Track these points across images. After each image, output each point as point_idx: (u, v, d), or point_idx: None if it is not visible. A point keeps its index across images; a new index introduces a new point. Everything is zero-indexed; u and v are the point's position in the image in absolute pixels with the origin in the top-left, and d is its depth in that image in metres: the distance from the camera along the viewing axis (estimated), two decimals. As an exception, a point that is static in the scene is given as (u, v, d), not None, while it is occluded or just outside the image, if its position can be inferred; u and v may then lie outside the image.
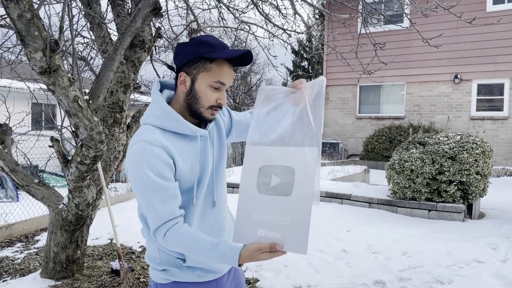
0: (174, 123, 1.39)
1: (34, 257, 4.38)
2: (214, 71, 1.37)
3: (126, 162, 1.40)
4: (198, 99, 1.39)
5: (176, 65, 1.42)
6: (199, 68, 1.37)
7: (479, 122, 12.15)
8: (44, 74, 2.43)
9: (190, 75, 1.39)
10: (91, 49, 4.14)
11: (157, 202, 1.31)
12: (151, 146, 1.31)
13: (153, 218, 1.33)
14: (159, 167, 1.31)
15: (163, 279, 1.46)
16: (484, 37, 11.68)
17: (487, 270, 3.82)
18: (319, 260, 4.18)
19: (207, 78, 1.38)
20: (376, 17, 4.69)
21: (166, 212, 1.32)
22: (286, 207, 1.28)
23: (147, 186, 1.31)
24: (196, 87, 1.39)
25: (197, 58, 1.37)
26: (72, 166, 3.15)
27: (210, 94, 1.39)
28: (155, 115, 1.40)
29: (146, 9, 3.15)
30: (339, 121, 14.48)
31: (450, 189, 5.67)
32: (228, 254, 1.27)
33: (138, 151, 1.32)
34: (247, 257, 1.26)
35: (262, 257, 1.26)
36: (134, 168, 1.32)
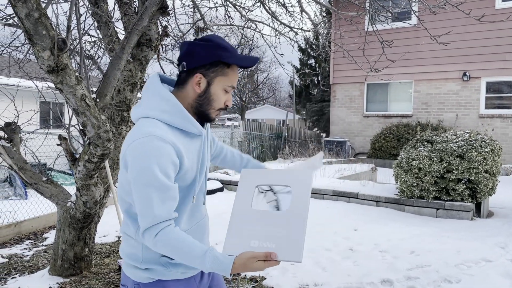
0: (184, 121, 1.37)
1: (43, 254, 4.42)
2: (230, 75, 1.42)
3: (126, 152, 1.32)
4: (211, 101, 1.41)
5: (190, 65, 1.39)
6: (217, 71, 1.39)
7: (488, 120, 12.04)
8: (52, 72, 2.45)
9: (206, 77, 1.39)
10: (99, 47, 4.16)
11: (156, 201, 1.27)
12: (162, 143, 1.28)
13: (148, 217, 1.28)
14: (167, 167, 1.29)
15: (146, 278, 1.42)
16: (493, 34, 11.56)
17: (495, 269, 3.78)
18: (326, 258, 4.17)
19: (223, 82, 1.41)
20: (384, 14, 4.66)
21: (163, 212, 1.28)
22: (282, 220, 1.34)
23: (151, 184, 1.27)
24: (212, 89, 1.40)
25: (216, 62, 1.38)
26: (79, 164, 3.17)
27: (222, 97, 1.43)
28: (162, 109, 1.36)
29: (152, 7, 3.16)
30: (346, 119, 14.43)
31: (459, 188, 5.62)
32: (221, 261, 1.25)
33: (147, 145, 1.27)
34: (241, 265, 1.25)
35: (256, 266, 1.25)
36: (139, 162, 1.28)
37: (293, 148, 13.12)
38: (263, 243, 1.30)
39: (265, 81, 34.69)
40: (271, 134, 14.66)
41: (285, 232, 1.30)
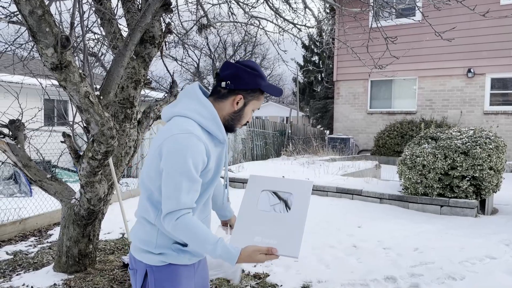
0: (215, 127, 1.59)
1: (47, 251, 4.44)
2: (260, 100, 1.70)
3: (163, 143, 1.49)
4: (241, 118, 1.68)
5: (234, 86, 1.62)
6: (254, 96, 1.66)
7: (493, 117, 11.98)
8: (55, 70, 2.45)
9: (245, 99, 1.65)
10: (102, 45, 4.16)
11: (185, 189, 1.46)
12: (199, 141, 1.49)
13: (173, 201, 1.46)
14: (198, 162, 1.49)
15: (159, 261, 1.59)
16: (498, 30, 11.48)
17: (500, 266, 3.77)
18: (330, 255, 4.17)
19: (255, 105, 1.69)
20: (388, 10, 4.64)
21: (187, 200, 1.47)
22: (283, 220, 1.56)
23: (183, 173, 1.45)
24: (246, 109, 1.67)
25: (256, 89, 1.65)
26: (83, 162, 3.18)
27: (249, 116, 1.71)
28: (202, 114, 1.57)
29: (156, 4, 3.15)
30: (349, 116, 14.40)
31: (463, 185, 5.60)
32: (230, 251, 1.45)
33: (186, 140, 1.47)
34: (246, 256, 1.47)
35: (258, 258, 1.47)
36: (177, 152, 1.46)
37: (296, 145, 13.10)
38: (266, 239, 1.51)
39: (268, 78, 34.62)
40: (275, 131, 14.65)
41: (285, 231, 1.52)
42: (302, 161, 9.59)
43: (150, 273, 1.60)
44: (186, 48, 6.13)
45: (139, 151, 8.77)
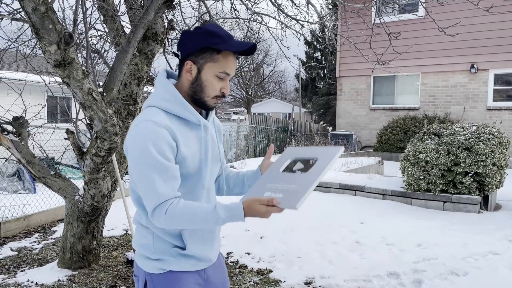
0: (181, 109, 1.42)
1: (51, 247, 4.47)
2: (221, 62, 1.41)
3: (126, 140, 1.40)
4: (203, 88, 1.43)
5: (182, 53, 1.44)
6: (206, 58, 1.41)
7: (496, 113, 11.93)
8: (58, 67, 2.46)
9: (196, 64, 1.42)
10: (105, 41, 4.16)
11: (158, 181, 1.31)
12: (157, 126, 1.33)
13: (153, 197, 1.32)
14: (163, 148, 1.33)
15: (157, 269, 1.45)
16: (501, 25, 11.42)
17: (503, 262, 3.77)
18: (333, 252, 4.17)
19: (214, 68, 1.41)
20: (391, 6, 4.62)
21: (166, 191, 1.33)
22: (296, 178, 1.42)
23: (150, 164, 1.31)
24: (202, 76, 1.42)
25: (204, 48, 1.40)
26: (87, 158, 3.19)
27: (215, 84, 1.43)
28: (163, 98, 1.42)
29: (158, 1, 3.15)
30: (352, 112, 14.37)
31: (466, 181, 5.59)
32: (232, 207, 1.32)
33: (143, 130, 1.33)
34: (247, 207, 1.31)
35: (258, 208, 1.30)
36: (137, 145, 1.33)
37: (299, 141, 13.10)
38: (274, 194, 1.38)
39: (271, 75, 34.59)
40: (277, 128, 14.65)
41: (294, 187, 1.38)
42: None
43: (149, 282, 1.47)
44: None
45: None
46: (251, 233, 4.78)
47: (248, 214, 1.32)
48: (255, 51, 1.48)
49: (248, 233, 4.81)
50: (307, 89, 26.32)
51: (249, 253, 4.20)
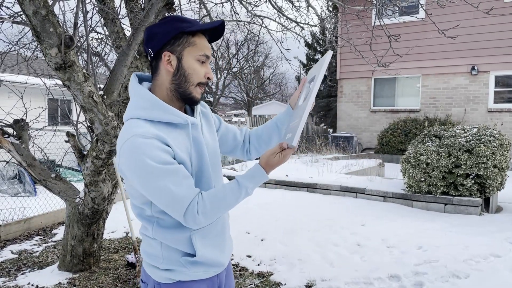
0: (163, 113, 1.33)
1: (52, 250, 4.46)
2: (198, 44, 1.36)
3: (120, 164, 1.31)
4: (187, 76, 1.36)
5: (155, 48, 1.36)
6: (183, 44, 1.35)
7: (497, 115, 11.92)
8: (59, 70, 2.46)
9: (175, 53, 1.35)
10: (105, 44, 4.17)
11: (173, 187, 1.25)
12: (145, 139, 1.25)
13: (177, 205, 1.26)
14: (160, 156, 1.25)
15: (167, 279, 1.40)
16: (501, 27, 11.42)
17: (504, 264, 3.76)
18: (334, 254, 4.17)
19: (193, 53, 1.36)
20: (391, 8, 4.63)
21: (186, 192, 1.27)
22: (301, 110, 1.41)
23: (156, 176, 1.24)
24: (184, 63, 1.35)
25: (179, 35, 1.34)
26: (88, 161, 3.19)
27: (198, 69, 1.37)
28: (141, 106, 1.33)
29: (159, 4, 3.16)
30: (353, 114, 14.37)
31: (467, 183, 5.59)
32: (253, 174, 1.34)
33: (133, 146, 1.25)
34: (265, 164, 1.35)
35: (276, 159, 1.34)
36: (134, 165, 1.25)
37: (300, 143, 13.10)
38: (288, 135, 1.39)
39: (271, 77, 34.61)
40: (278, 130, 14.63)
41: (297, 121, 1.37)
42: (305, 160, 9.58)
43: None
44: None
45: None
46: (252, 236, 4.78)
47: (269, 170, 1.35)
48: (224, 32, 1.43)
49: (249, 235, 4.81)
50: (307, 91, 26.27)
51: (249, 256, 4.19)
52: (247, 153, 1.73)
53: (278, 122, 1.66)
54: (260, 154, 1.66)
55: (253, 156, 1.74)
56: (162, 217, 1.36)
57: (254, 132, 1.73)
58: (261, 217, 5.58)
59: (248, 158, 1.75)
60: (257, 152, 1.72)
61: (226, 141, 1.68)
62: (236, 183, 1.33)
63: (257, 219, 5.47)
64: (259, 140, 1.70)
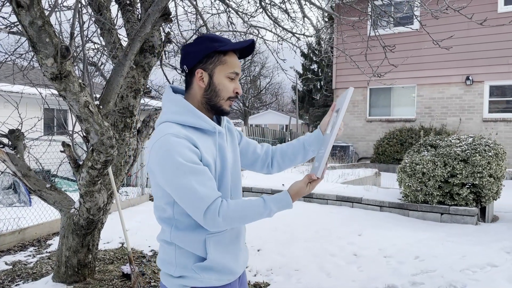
0: (194, 118, 1.43)
1: (46, 261, 4.42)
2: (229, 63, 1.47)
3: (150, 162, 1.39)
4: (218, 92, 1.46)
5: (189, 65, 1.47)
6: (215, 62, 1.45)
7: (492, 124, 11.99)
8: (55, 80, 2.46)
9: (207, 71, 1.46)
10: (102, 54, 4.17)
11: (197, 186, 1.32)
12: (177, 138, 1.35)
13: (199, 203, 1.32)
14: (189, 155, 1.34)
15: (180, 286, 1.44)
16: (496, 38, 11.55)
17: (501, 274, 3.75)
18: (331, 264, 4.15)
19: (224, 70, 1.46)
20: (386, 19, 4.67)
21: (209, 192, 1.33)
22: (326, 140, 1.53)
23: (183, 173, 1.31)
24: (215, 80, 1.46)
25: (211, 53, 1.45)
26: (83, 171, 3.17)
27: (228, 85, 1.47)
28: (174, 111, 1.44)
29: (155, 14, 3.17)
30: (349, 124, 14.42)
31: (463, 192, 5.59)
32: (280, 198, 1.42)
33: (165, 144, 1.34)
34: (295, 194, 1.44)
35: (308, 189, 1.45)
36: (163, 160, 1.34)
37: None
38: (316, 163, 1.51)
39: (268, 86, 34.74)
40: (274, 139, 14.67)
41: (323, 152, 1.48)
42: (302, 169, 9.58)
43: None
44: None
45: (139, 160, 8.76)
46: (248, 246, 4.75)
47: (295, 199, 1.44)
48: (254, 49, 1.53)
49: (245, 245, 4.78)
50: (304, 101, 26.42)
51: (246, 266, 4.17)
52: (267, 167, 1.79)
53: (306, 143, 1.74)
54: (282, 170, 1.79)
55: (274, 170, 1.80)
56: (181, 219, 1.43)
57: (279, 148, 1.80)
58: (257, 227, 5.55)
59: (268, 172, 1.80)
60: (279, 167, 1.79)
61: (246, 154, 1.75)
62: (263, 201, 1.40)
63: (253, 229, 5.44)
64: (284, 156, 1.77)
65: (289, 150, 1.76)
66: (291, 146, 1.76)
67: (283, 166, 1.79)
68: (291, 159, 1.77)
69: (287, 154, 1.76)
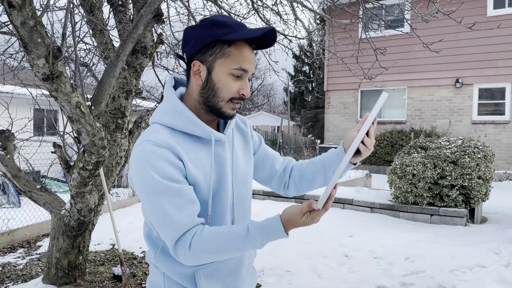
0: (185, 122, 1.18)
1: (36, 262, 4.38)
2: (234, 55, 1.16)
3: (129, 169, 1.20)
4: (216, 91, 1.18)
5: (187, 54, 1.20)
6: (215, 53, 1.15)
7: (481, 126, 12.13)
8: (46, 80, 2.45)
9: (205, 63, 1.17)
10: (94, 55, 4.16)
11: (171, 209, 1.08)
12: (156, 147, 1.11)
13: (169, 229, 1.09)
14: (166, 169, 1.10)
15: None
16: (485, 41, 11.69)
17: (490, 275, 3.80)
18: (322, 265, 4.17)
19: (226, 65, 1.16)
20: (377, 22, 4.71)
21: (185, 219, 1.09)
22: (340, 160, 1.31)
23: (156, 192, 1.09)
24: (214, 76, 1.17)
25: (212, 42, 1.15)
26: (74, 172, 3.16)
27: (230, 84, 1.17)
28: (164, 111, 1.21)
29: (148, 15, 3.17)
30: (340, 125, 14.49)
31: (452, 194, 5.66)
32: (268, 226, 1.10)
33: (141, 153, 1.12)
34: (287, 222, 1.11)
35: (303, 220, 1.11)
36: (138, 171, 1.13)
37: (288, 154, 13.13)
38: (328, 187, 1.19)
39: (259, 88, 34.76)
40: (266, 141, 14.69)
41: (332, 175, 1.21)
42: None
43: None
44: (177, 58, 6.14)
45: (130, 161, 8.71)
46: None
47: (290, 228, 1.12)
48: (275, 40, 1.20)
49: (237, 247, 4.78)
50: (295, 102, 26.50)
51: None
52: (284, 187, 1.48)
53: (325, 162, 1.39)
54: (300, 193, 1.45)
55: (291, 192, 1.47)
56: None
57: (298, 166, 1.47)
58: (249, 228, 5.55)
59: (285, 193, 1.49)
60: (296, 189, 1.46)
61: (262, 167, 1.45)
62: (245, 231, 1.09)
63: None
64: (301, 177, 1.44)
65: (308, 170, 1.42)
66: (311, 165, 1.42)
67: (301, 188, 1.45)
68: (309, 181, 1.43)
69: (305, 174, 1.42)
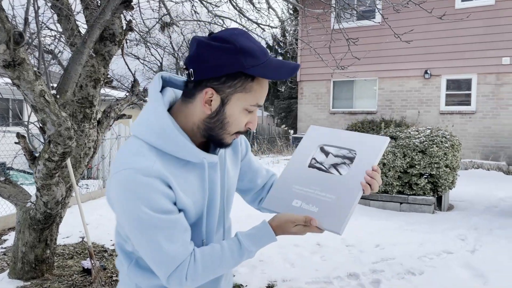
0: (175, 147, 1.05)
1: (2, 257, 4.23)
2: (255, 91, 1.04)
3: (109, 192, 1.07)
4: (225, 125, 1.06)
5: (199, 74, 1.02)
6: (236, 86, 1.02)
7: (448, 117, 12.47)
8: (8, 67, 2.33)
9: (220, 94, 1.03)
10: (59, 42, 4.01)
11: (165, 242, 1.01)
12: (144, 177, 0.99)
13: (164, 263, 1.02)
14: (158, 202, 1.00)
15: None
16: (453, 33, 11.97)
17: (456, 261, 3.92)
18: (295, 254, 4.20)
19: (244, 101, 1.04)
20: (349, 12, 4.73)
21: (178, 251, 1.03)
22: (335, 185, 1.17)
23: (149, 226, 1.00)
24: (227, 110, 1.04)
25: (236, 74, 1.01)
26: (39, 163, 3.04)
27: (241, 119, 1.07)
28: (153, 131, 1.05)
29: (115, 1, 3.06)
30: (313, 116, 14.60)
31: (421, 182, 5.80)
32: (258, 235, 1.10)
33: (128, 184, 1.00)
34: (278, 227, 1.10)
35: (295, 230, 1.10)
36: (124, 204, 1.01)
37: (261, 144, 13.14)
38: (305, 205, 1.15)
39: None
40: (239, 131, 14.65)
41: (333, 199, 1.14)
42: (267, 161, 9.63)
43: None
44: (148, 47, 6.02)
45: (99, 152, 8.52)
46: (213, 238, 4.74)
47: (279, 234, 1.11)
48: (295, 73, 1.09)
49: (210, 237, 4.76)
50: (269, 93, 26.47)
51: None
52: (260, 203, 1.39)
53: None
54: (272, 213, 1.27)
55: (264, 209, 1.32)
56: None
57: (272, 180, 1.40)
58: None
59: (258, 208, 1.39)
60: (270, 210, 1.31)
61: (240, 179, 1.36)
62: (238, 245, 1.08)
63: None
64: None
65: None
66: None
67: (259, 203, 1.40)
68: None
69: None
